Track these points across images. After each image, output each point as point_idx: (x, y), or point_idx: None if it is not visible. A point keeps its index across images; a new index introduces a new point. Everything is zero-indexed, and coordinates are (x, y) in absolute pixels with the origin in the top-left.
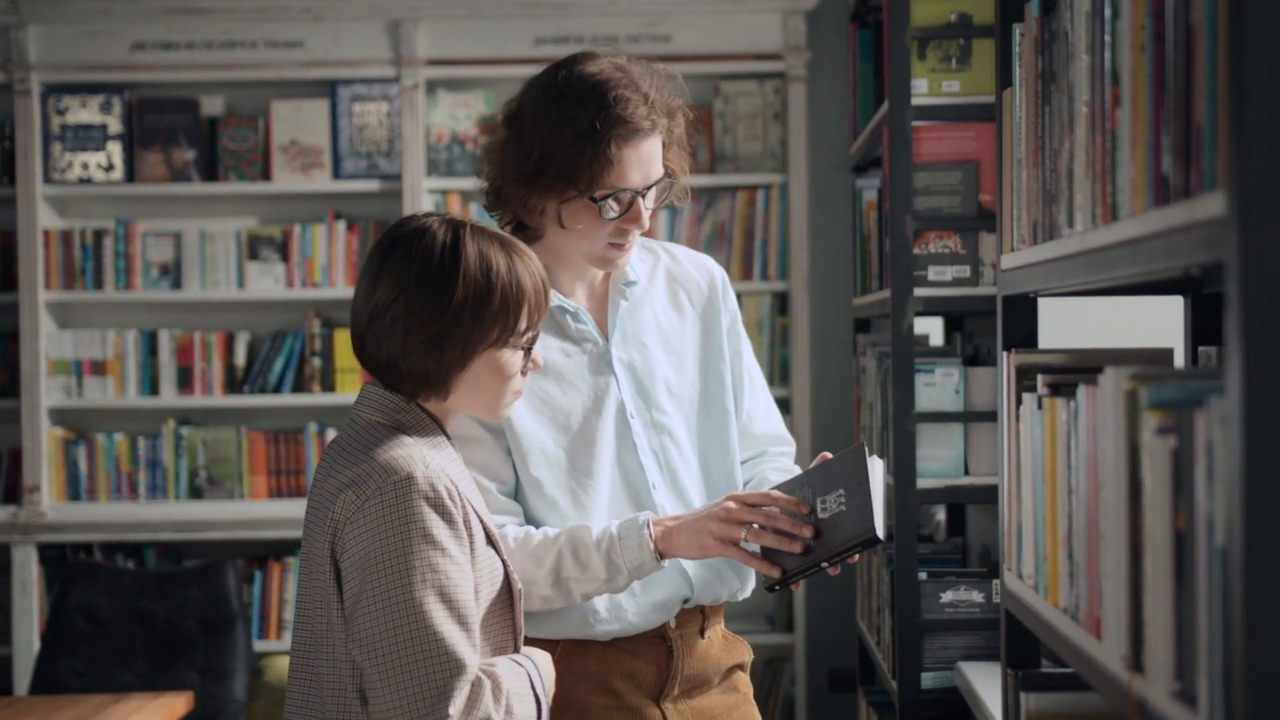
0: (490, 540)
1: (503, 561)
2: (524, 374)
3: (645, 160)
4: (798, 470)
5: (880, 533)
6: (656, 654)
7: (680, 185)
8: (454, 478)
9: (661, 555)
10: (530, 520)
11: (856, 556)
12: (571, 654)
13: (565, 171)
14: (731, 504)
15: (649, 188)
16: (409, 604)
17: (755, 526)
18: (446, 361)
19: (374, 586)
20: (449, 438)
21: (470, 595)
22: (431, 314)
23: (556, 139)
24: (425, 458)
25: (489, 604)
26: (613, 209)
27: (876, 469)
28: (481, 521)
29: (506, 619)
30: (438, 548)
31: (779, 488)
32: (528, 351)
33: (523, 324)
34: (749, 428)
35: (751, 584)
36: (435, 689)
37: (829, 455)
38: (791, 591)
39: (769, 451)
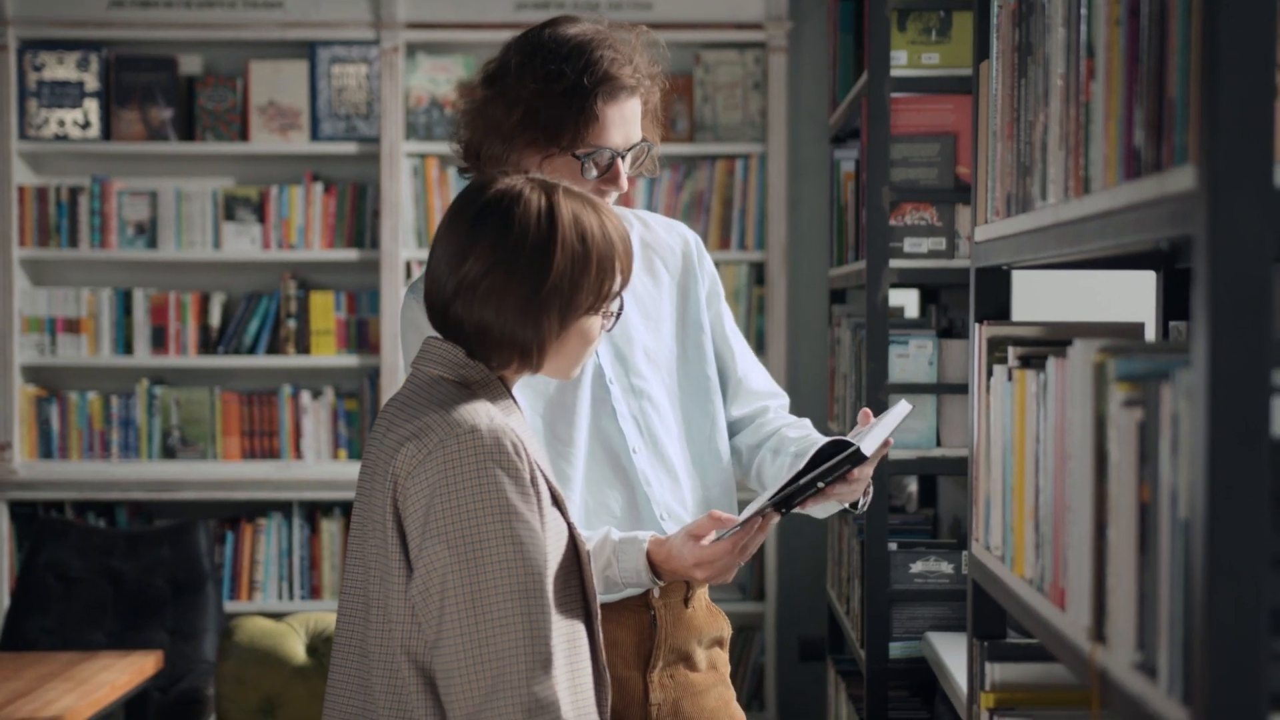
0: (556, 500)
1: (568, 524)
2: (606, 330)
3: (627, 120)
4: (806, 423)
5: (867, 451)
6: (639, 622)
7: (654, 153)
8: (520, 433)
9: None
10: None
11: (856, 473)
12: None
13: (550, 127)
14: (698, 571)
15: (629, 150)
16: (481, 579)
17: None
18: (544, 331)
19: (439, 543)
20: (514, 398)
21: (544, 560)
22: (532, 284)
23: (542, 94)
24: (490, 411)
25: (555, 568)
26: (592, 169)
27: (898, 410)
28: (547, 481)
29: (573, 584)
30: (509, 510)
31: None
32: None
33: (616, 287)
34: (745, 384)
35: None
36: (515, 674)
37: (869, 411)
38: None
39: (770, 406)
